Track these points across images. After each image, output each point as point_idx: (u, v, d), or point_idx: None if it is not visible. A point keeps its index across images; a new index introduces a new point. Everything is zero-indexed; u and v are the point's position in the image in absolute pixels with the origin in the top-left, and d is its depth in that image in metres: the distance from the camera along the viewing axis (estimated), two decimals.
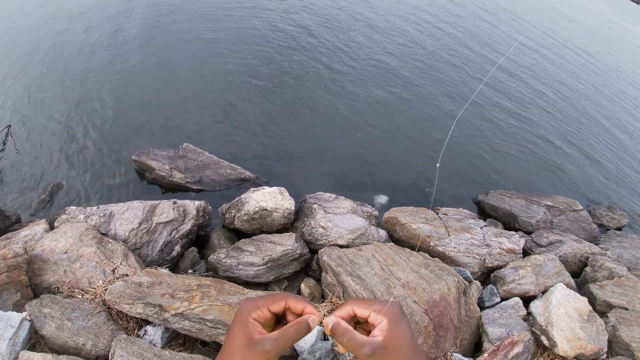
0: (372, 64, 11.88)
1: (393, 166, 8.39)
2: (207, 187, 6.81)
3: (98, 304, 3.97)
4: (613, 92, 16.13)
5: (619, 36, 28.79)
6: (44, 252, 4.39)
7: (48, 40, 10.00)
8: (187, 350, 3.96)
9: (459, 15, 18.76)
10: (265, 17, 12.95)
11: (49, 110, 7.78)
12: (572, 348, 4.22)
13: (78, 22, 11.01)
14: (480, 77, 13.00)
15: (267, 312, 1.00)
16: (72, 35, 10.36)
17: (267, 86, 9.62)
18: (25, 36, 10.13)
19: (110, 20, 11.34)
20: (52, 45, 9.85)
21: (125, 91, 8.62)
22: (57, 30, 10.54)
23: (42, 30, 10.43)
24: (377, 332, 0.99)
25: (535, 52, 17.45)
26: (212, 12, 12.53)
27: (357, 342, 0.97)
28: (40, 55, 9.41)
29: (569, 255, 6.15)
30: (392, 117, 9.79)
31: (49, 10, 11.53)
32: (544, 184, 9.24)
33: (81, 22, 11.07)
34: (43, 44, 9.85)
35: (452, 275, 4.71)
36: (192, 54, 10.25)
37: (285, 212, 5.64)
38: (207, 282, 4.31)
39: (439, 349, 4.15)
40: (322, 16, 14.12)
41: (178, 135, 7.66)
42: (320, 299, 4.80)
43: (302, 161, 7.92)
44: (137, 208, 5.26)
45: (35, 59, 9.25)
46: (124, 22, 11.28)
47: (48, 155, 6.93)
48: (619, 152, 11.61)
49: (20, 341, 3.48)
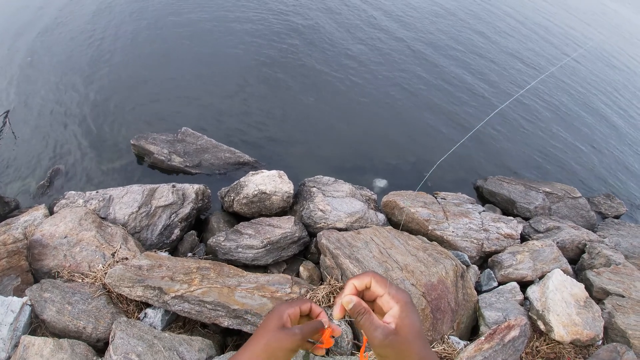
0: (373, 47, 11.79)
1: (392, 150, 8.37)
2: (206, 171, 6.80)
3: (98, 287, 4.00)
4: (614, 81, 16.04)
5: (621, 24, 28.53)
6: (44, 237, 4.41)
7: (42, 23, 9.91)
8: (187, 332, 4.00)
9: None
10: (266, 4, 12.82)
11: (47, 96, 7.74)
12: (568, 333, 4.27)
13: (77, 6, 10.89)
14: (480, 67, 12.93)
15: (298, 310, 1.18)
16: (70, 19, 10.26)
17: (266, 70, 9.56)
18: (18, 20, 10.04)
19: (109, 5, 11.21)
20: (48, 28, 9.76)
21: (124, 75, 8.56)
22: (54, 13, 10.43)
23: (36, 13, 10.33)
24: (389, 318, 1.06)
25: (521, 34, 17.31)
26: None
27: (373, 324, 1.05)
28: (35, 39, 9.33)
29: (567, 242, 6.17)
30: (392, 101, 9.75)
31: None
32: (543, 170, 9.24)
33: (80, 6, 10.96)
34: (37, 27, 9.76)
35: (450, 259, 4.73)
36: (190, 38, 10.14)
37: (284, 196, 5.65)
38: (207, 265, 4.33)
39: (436, 332, 4.19)
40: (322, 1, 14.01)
41: (177, 119, 7.63)
42: (319, 282, 4.82)
43: (301, 144, 7.90)
44: (136, 192, 5.26)
45: (25, 44, 9.17)
46: (123, 7, 11.17)
47: (46, 140, 6.91)
48: (619, 141, 11.58)
49: (21, 326, 3.51)
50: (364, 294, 1.14)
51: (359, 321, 1.06)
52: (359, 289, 1.13)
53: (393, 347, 1.01)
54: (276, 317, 1.12)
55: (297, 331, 1.09)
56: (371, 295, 1.14)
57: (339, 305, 1.12)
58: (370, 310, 1.08)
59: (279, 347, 1.07)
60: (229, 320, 3.77)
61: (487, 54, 13.85)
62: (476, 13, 17.53)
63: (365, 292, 1.14)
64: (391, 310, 1.07)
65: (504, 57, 14.09)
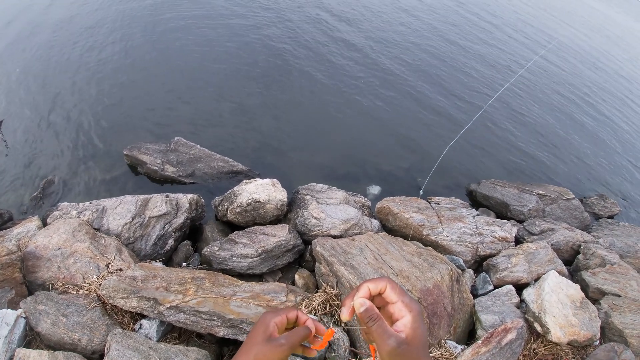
0: (365, 54, 11.85)
1: (385, 156, 8.39)
2: (200, 180, 6.79)
3: (93, 299, 3.97)
4: (609, 83, 16.18)
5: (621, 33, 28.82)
6: (38, 248, 4.38)
7: (32, 32, 9.89)
8: (183, 343, 3.97)
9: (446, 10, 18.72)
10: (256, 10, 12.86)
11: (39, 106, 7.70)
12: (565, 334, 4.27)
13: (64, 14, 10.88)
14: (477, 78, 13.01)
15: (285, 318, 1.18)
16: (60, 27, 10.24)
17: (258, 79, 9.57)
18: (7, 30, 10.02)
19: (99, 13, 11.21)
20: (39, 36, 9.74)
21: (115, 85, 8.54)
22: (42, 19, 10.41)
23: (24, 18, 10.31)
24: (400, 326, 1.05)
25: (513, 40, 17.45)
26: (203, 5, 12.42)
27: (386, 332, 1.03)
28: (24, 49, 9.31)
29: (561, 243, 6.20)
30: (384, 108, 9.77)
31: None
32: (535, 173, 9.28)
33: (69, 13, 10.94)
34: (26, 36, 9.74)
35: (445, 263, 4.74)
36: (183, 48, 10.15)
37: (278, 204, 5.64)
38: (201, 275, 4.31)
39: (433, 337, 4.19)
40: (316, 6, 14.05)
41: (169, 129, 7.61)
42: (315, 289, 4.82)
43: (294, 152, 7.90)
44: (129, 202, 5.24)
45: (15, 54, 9.15)
46: (113, 15, 11.16)
47: (39, 151, 6.87)
48: (611, 142, 11.66)
49: (16, 339, 3.48)
50: (374, 299, 1.13)
51: (370, 327, 1.05)
52: (373, 293, 1.12)
53: (404, 356, 1.01)
54: (262, 328, 1.13)
55: (283, 341, 1.10)
56: (380, 302, 1.13)
57: (349, 306, 1.11)
58: (382, 317, 1.07)
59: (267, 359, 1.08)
60: (225, 330, 3.75)
61: (471, 53, 13.94)
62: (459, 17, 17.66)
63: (376, 298, 1.13)
64: (403, 319, 1.06)
65: (487, 55, 14.19)
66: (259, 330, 1.13)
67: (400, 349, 1.00)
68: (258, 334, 1.12)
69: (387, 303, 1.12)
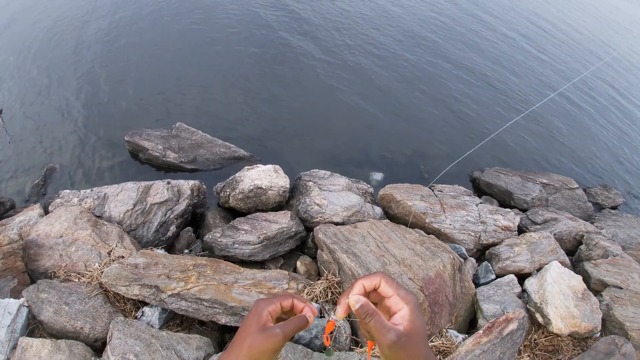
0: (370, 42, 11.74)
1: (388, 143, 8.35)
2: (201, 167, 6.77)
3: (95, 287, 3.98)
4: (613, 77, 16.04)
5: None
6: (40, 237, 4.38)
7: (32, 21, 9.81)
8: (185, 330, 3.99)
9: None
10: None
11: (40, 94, 7.68)
12: (566, 326, 4.27)
13: (68, 3, 10.81)
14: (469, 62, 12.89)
15: (279, 306, 1.15)
16: (62, 15, 10.16)
17: (261, 64, 9.50)
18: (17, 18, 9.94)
19: (99, 1, 11.14)
20: (41, 24, 9.67)
21: (116, 72, 8.49)
22: (44, 8, 10.33)
23: (28, 10, 10.23)
24: (398, 319, 1.05)
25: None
26: None
27: (384, 326, 1.03)
28: (26, 37, 9.24)
29: (564, 233, 6.17)
30: (387, 94, 9.71)
31: None
32: (539, 161, 9.22)
33: (70, 3, 10.85)
34: (27, 25, 9.66)
35: (447, 252, 4.72)
36: (184, 33, 10.07)
37: (280, 190, 5.62)
38: (203, 262, 4.31)
39: (434, 326, 4.19)
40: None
41: (171, 115, 7.58)
42: (316, 277, 4.81)
43: (296, 138, 7.87)
44: (131, 189, 5.23)
45: (15, 42, 9.09)
46: (115, 3, 11.07)
47: (40, 139, 6.86)
48: (616, 133, 11.57)
49: (18, 327, 3.49)
50: (369, 294, 1.12)
51: (367, 323, 1.04)
52: (368, 290, 1.11)
53: (405, 348, 1.00)
54: (256, 317, 1.10)
55: (278, 331, 1.07)
56: (376, 297, 1.12)
57: (344, 304, 1.10)
58: (378, 311, 1.06)
59: (261, 350, 1.05)
60: (227, 318, 3.76)
61: (484, 48, 13.81)
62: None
63: (371, 294, 1.12)
64: (401, 311, 1.06)
65: (486, 51, 14.06)
66: (252, 319, 1.10)
67: (401, 341, 1.00)
68: (252, 323, 1.09)
69: (383, 298, 1.11)
